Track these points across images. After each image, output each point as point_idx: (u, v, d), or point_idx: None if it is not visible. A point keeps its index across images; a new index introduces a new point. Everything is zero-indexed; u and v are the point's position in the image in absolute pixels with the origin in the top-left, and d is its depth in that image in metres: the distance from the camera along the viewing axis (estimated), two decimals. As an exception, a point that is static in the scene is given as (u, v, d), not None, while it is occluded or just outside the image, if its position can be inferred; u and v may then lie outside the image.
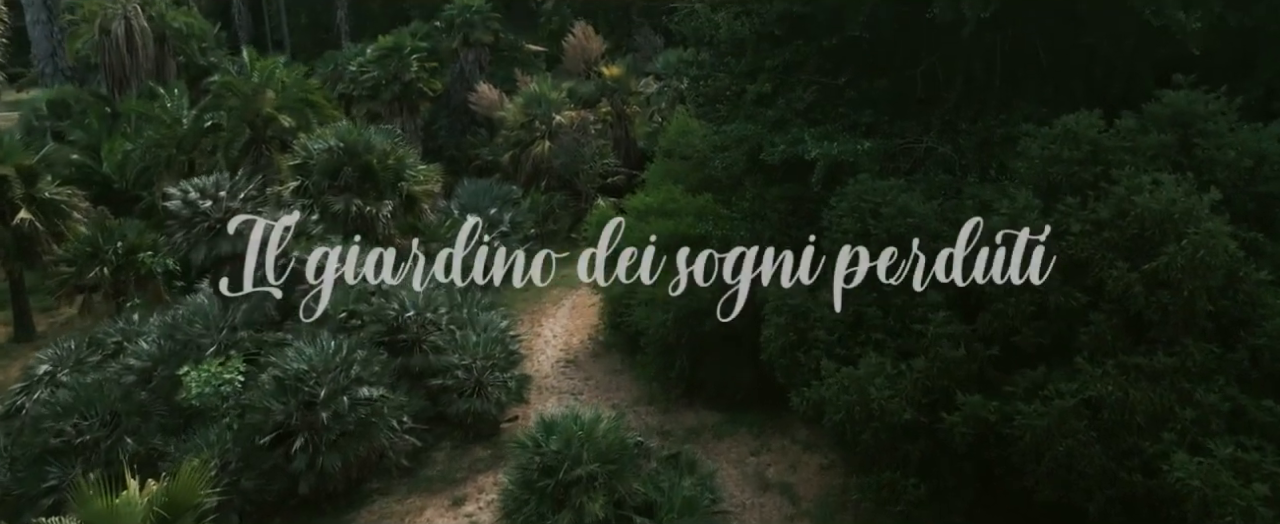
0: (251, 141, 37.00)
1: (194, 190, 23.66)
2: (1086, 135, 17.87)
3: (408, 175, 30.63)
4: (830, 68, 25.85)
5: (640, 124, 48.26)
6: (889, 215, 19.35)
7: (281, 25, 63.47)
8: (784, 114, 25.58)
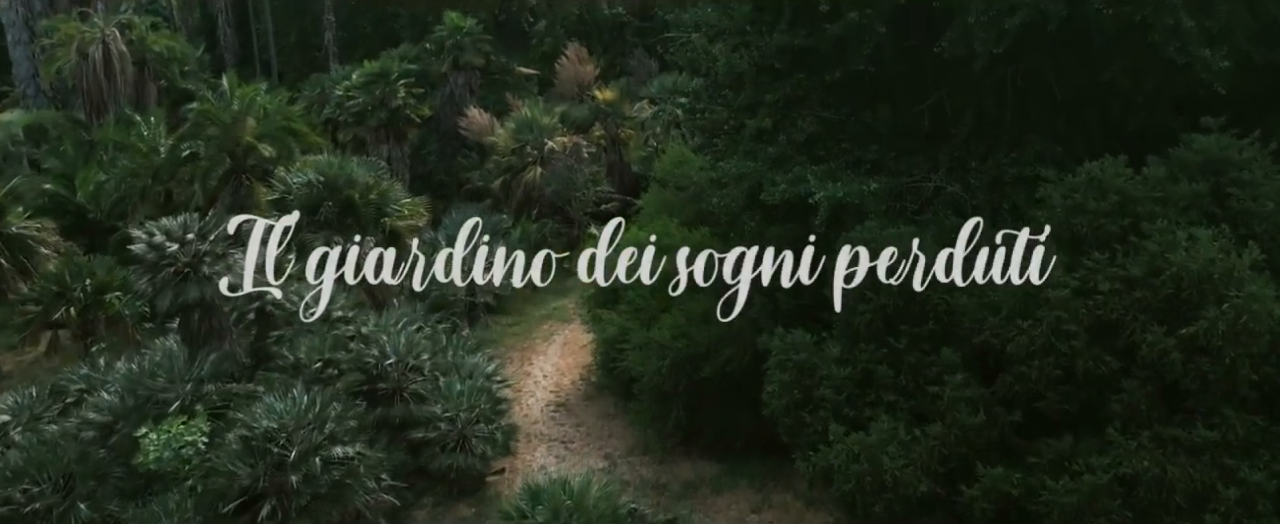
0: (231, 172, 35.63)
1: (160, 232, 22.30)
2: (1113, 184, 16.60)
3: (391, 209, 29.30)
4: (833, 101, 24.55)
5: (635, 148, 47.02)
6: (902, 266, 18.03)
7: (269, 46, 62.11)
8: (785, 150, 24.28)
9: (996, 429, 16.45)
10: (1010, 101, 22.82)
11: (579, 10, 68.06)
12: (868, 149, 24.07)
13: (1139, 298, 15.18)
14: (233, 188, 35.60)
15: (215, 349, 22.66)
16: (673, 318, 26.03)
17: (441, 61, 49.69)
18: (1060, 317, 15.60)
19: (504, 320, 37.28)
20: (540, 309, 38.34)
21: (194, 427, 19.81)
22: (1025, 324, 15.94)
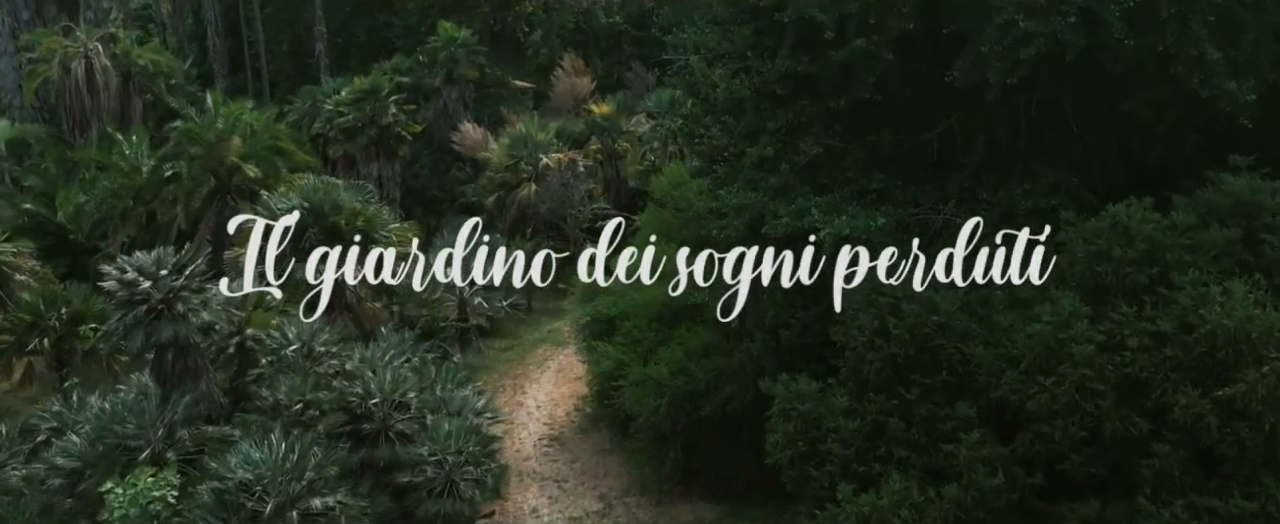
0: (216, 192, 34.63)
1: (132, 268, 21.20)
2: (1140, 230, 15.57)
3: (379, 236, 28.23)
4: (837, 128, 23.53)
5: (631, 163, 45.99)
6: (912, 313, 16.99)
7: (260, 55, 60.99)
8: (787, 179, 23.24)
9: (1016, 492, 15.43)
10: (1023, 130, 21.82)
11: (575, 19, 67.10)
12: (873, 177, 23.06)
13: (1170, 356, 14.16)
14: (218, 208, 34.62)
15: (190, 390, 21.59)
16: (671, 352, 25.02)
17: (434, 75, 48.62)
18: (1086, 374, 14.58)
19: (497, 344, 36.24)
20: (534, 332, 37.31)
21: (163, 479, 18.73)
22: (1048, 382, 14.91)
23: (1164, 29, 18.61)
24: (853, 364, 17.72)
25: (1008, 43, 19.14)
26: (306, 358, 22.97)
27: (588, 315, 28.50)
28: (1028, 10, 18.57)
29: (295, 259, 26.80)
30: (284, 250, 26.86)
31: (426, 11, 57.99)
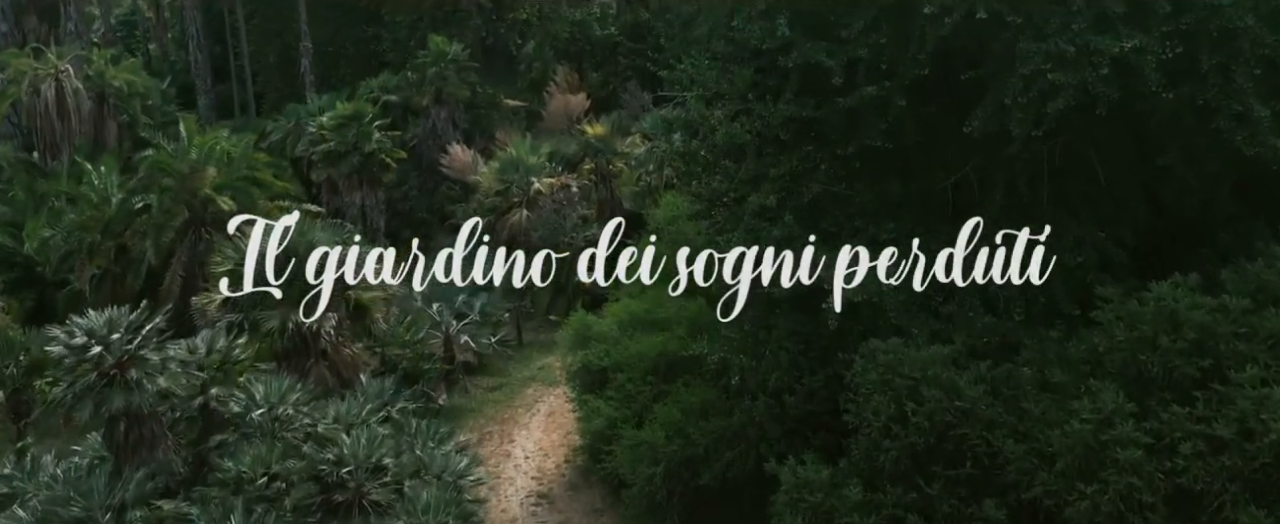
0: (190, 224, 32.99)
1: (81, 331, 19.58)
2: (1189, 317, 13.94)
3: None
4: (844, 173, 21.95)
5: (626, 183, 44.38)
6: (933, 399, 15.38)
7: (245, 67, 59.34)
8: (791, 230, 21.65)
9: (1052, 609, 13.84)
10: (1046, 180, 20.24)
11: (570, 30, 65.49)
12: (884, 226, 21.48)
13: (1229, 466, 12.60)
14: (191, 241, 33.02)
15: (146, 461, 19.94)
16: (667, 411, 23.43)
17: (423, 93, 47.07)
18: (1133, 484, 13.01)
19: (485, 382, 34.62)
20: (524, 369, 35.68)
21: (109, 573, 17.22)
22: (1089, 489, 13.33)
23: (1205, 81, 17.03)
24: (866, 450, 16.12)
25: (1033, 94, 17.54)
26: (273, 421, 21.30)
27: (579, 363, 26.85)
28: (1056, 60, 16.96)
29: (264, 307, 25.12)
30: (255, 298, 25.20)
31: (416, 25, 56.43)
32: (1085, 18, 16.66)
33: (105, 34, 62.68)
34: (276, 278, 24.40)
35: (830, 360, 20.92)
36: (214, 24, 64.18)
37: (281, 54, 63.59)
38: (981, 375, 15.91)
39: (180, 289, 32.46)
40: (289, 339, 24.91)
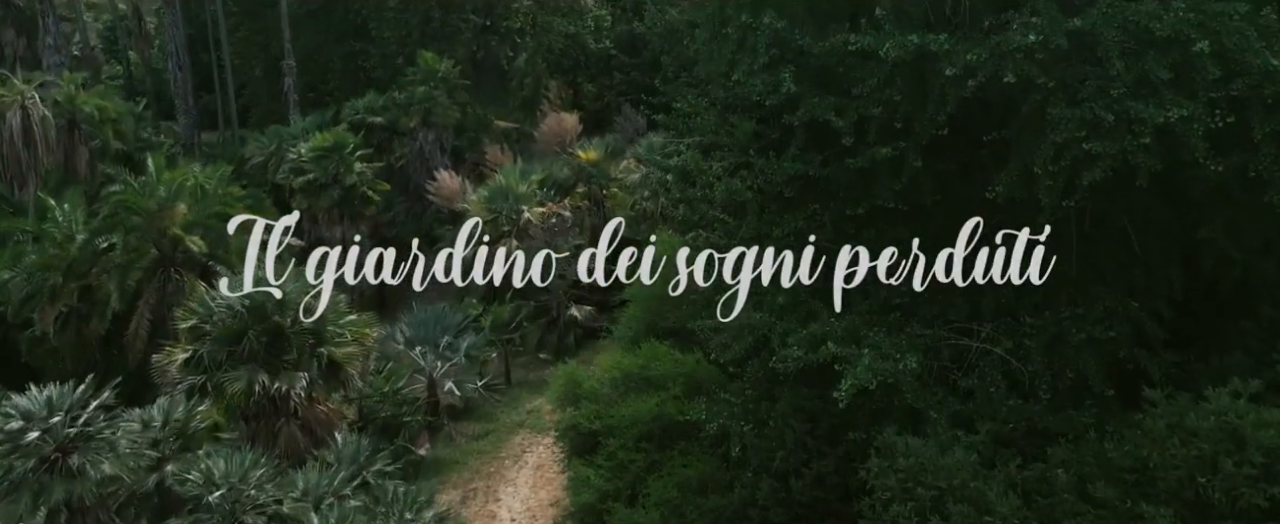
0: (158, 264, 31.27)
1: (17, 414, 17.87)
2: (1257, 438, 12.25)
3: (332, 333, 24.87)
4: (853, 232, 20.30)
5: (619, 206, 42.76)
6: (960, 515, 13.70)
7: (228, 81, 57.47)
8: (797, 295, 20.02)
9: None
10: (1074, 245, 18.60)
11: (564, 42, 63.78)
12: (897, 290, 19.85)
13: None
14: (160, 282, 31.29)
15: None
16: (661, 486, 21.74)
17: (411, 116, 45.37)
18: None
19: (471, 428, 32.94)
20: (513, 413, 33.98)
21: None
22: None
23: (1257, 151, 15.37)
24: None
25: (1065, 163, 15.89)
26: (234, 504, 19.61)
27: (568, 421, 25.17)
28: (1092, 128, 15.29)
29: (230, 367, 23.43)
30: (220, 357, 23.51)
31: (404, 40, 54.69)
32: (1124, 82, 14.97)
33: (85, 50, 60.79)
34: (229, 350, 22.68)
35: (840, 440, 19.31)
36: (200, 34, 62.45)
37: (268, 66, 61.85)
38: (1012, 480, 14.28)
39: (148, 333, 30.79)
40: (255, 404, 23.18)
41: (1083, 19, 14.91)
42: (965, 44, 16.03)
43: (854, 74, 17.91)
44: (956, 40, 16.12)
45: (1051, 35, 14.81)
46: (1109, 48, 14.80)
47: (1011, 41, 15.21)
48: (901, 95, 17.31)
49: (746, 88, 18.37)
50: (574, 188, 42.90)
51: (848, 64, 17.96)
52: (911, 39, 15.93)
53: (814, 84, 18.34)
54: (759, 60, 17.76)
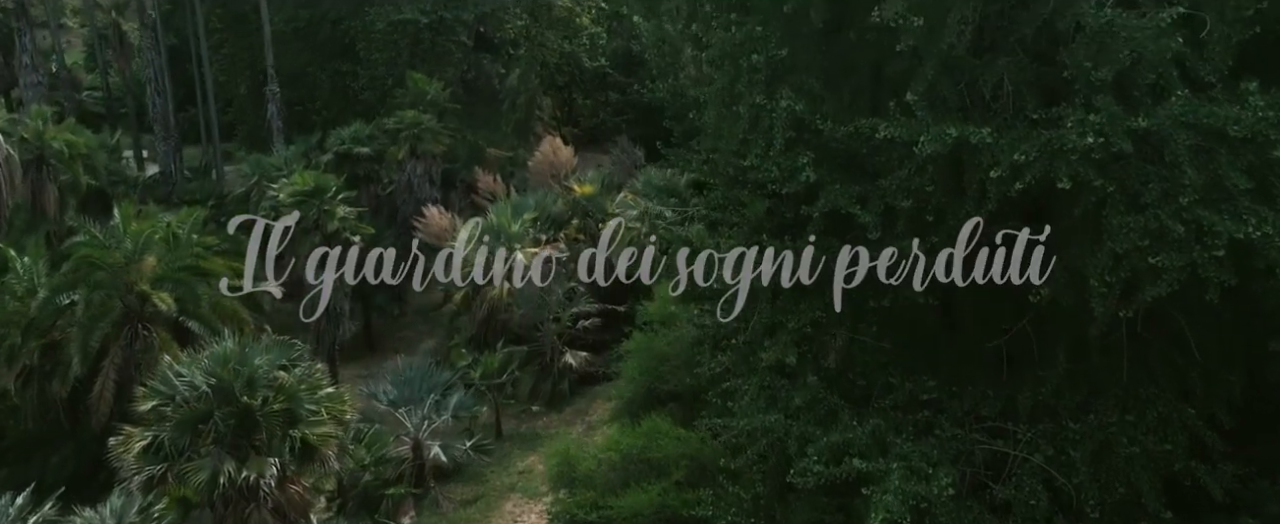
0: (126, 320, 29.36)
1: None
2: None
3: (307, 412, 22.95)
4: (875, 321, 18.47)
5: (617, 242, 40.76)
6: None
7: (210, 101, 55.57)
8: (816, 391, 18.15)
9: None
10: (1125, 346, 16.76)
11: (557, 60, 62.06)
12: (922, 383, 18.06)
13: None
14: (128, 340, 29.39)
15: None
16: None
17: (399, 146, 43.53)
18: None
19: (459, 492, 31.11)
20: (504, 474, 32.15)
21: None
22: None
23: (1344, 264, 13.52)
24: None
25: (1125, 274, 14.03)
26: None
27: (563, 510, 23.33)
28: (1156, 238, 13.43)
29: (193, 453, 21.56)
30: (182, 444, 21.63)
31: (394, 61, 52.89)
32: (1195, 188, 13.12)
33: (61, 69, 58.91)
34: (192, 437, 20.85)
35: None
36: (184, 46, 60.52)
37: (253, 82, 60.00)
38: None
39: (114, 394, 28.91)
40: (219, 497, 21.30)
41: (1148, 118, 13.04)
42: (1011, 138, 14.15)
43: (880, 158, 16.08)
44: (1000, 133, 14.24)
45: (1114, 137, 12.95)
46: (1179, 151, 12.95)
47: (1066, 141, 13.35)
48: (934, 186, 15.45)
49: (760, 172, 16.49)
50: (569, 223, 41.15)
51: (872, 146, 16.11)
52: (950, 132, 14.06)
53: (835, 166, 16.49)
54: (775, 143, 15.88)
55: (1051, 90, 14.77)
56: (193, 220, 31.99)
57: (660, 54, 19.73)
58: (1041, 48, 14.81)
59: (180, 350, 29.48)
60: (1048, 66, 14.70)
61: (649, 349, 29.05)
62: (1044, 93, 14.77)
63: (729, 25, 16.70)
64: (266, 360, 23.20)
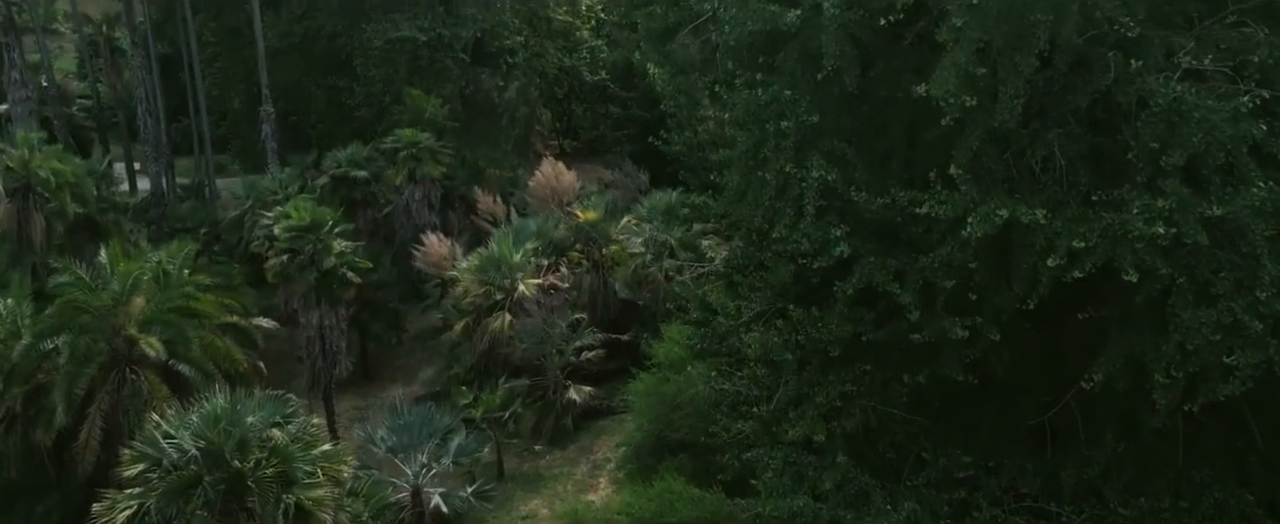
0: (113, 364, 28.13)
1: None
2: None
3: (301, 474, 21.74)
4: (908, 394, 17.33)
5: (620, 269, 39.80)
6: None
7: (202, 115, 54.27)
8: (846, 470, 17.03)
9: None
10: (1181, 430, 15.64)
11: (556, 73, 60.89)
12: (958, 458, 17.00)
13: None
14: (115, 384, 28.14)
15: None
16: None
17: (398, 170, 42.33)
18: None
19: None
20: (507, 520, 30.99)
21: None
22: None
23: None
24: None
25: (1193, 369, 12.90)
26: None
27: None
28: (1230, 332, 12.29)
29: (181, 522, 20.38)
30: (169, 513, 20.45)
31: (391, 78, 51.65)
32: (1273, 279, 11.98)
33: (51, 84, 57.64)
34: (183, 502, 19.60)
35: None
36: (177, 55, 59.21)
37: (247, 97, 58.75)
38: None
39: (101, 443, 27.68)
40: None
41: (1223, 205, 11.89)
42: (1064, 217, 13.00)
43: (916, 228, 14.93)
44: (1053, 211, 13.09)
45: (1186, 229, 11.78)
46: (1257, 242, 11.81)
47: (1131, 227, 12.19)
48: (978, 263, 14.31)
49: (790, 243, 15.34)
50: (571, 249, 39.97)
51: (909, 215, 14.96)
52: (1000, 213, 12.90)
53: (868, 235, 15.35)
54: (806, 214, 14.73)
55: (1107, 163, 13.65)
56: (184, 255, 30.79)
57: (677, 105, 18.58)
58: (1097, 116, 13.68)
59: (170, 394, 28.45)
60: (1103, 136, 13.58)
61: (658, 393, 27.99)
62: (1099, 166, 13.66)
63: (753, 85, 15.54)
64: (259, 418, 22.02)
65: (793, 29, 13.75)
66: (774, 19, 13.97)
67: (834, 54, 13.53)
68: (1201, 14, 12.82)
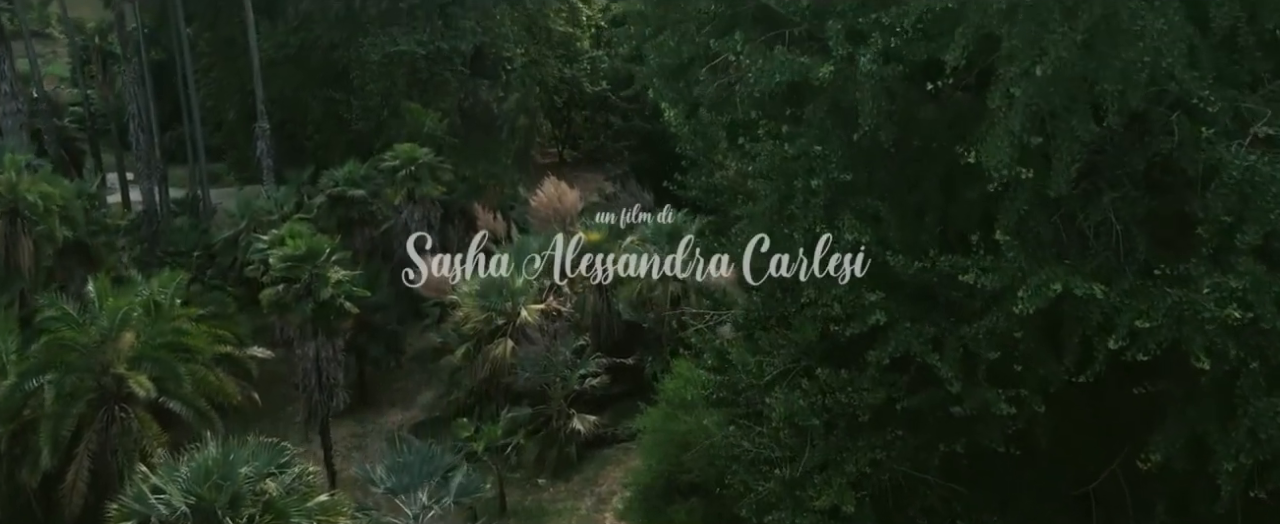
0: (102, 402, 27.12)
1: None
2: None
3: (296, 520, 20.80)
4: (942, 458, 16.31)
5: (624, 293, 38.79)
6: None
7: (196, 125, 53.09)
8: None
9: None
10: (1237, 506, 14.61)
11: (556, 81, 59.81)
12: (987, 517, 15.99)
13: None
14: (103, 423, 27.16)
15: None
16: None
17: (396, 190, 41.28)
18: None
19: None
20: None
21: None
22: None
23: None
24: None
25: (1265, 457, 11.90)
26: None
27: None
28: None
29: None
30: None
31: (389, 92, 50.54)
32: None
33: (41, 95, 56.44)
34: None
35: None
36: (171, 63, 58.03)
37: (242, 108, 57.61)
38: None
39: (88, 484, 26.71)
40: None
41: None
42: (1120, 290, 11.98)
43: (956, 292, 13.90)
44: (1110, 283, 12.07)
45: (1263, 312, 10.77)
46: (1337, 325, 10.81)
47: (1202, 309, 11.17)
48: (1024, 334, 13.28)
49: (820, 308, 14.32)
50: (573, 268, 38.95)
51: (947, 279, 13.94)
52: (1053, 287, 11.88)
53: (903, 298, 14.32)
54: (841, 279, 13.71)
55: (1166, 229, 12.64)
56: (175, 285, 29.74)
57: (694, 148, 17.51)
58: (1154, 178, 12.65)
59: (162, 432, 27.47)
60: (1162, 202, 12.56)
61: (667, 431, 26.89)
62: (1157, 232, 12.64)
63: (778, 135, 14.51)
64: (252, 468, 20.95)
65: (825, 84, 12.71)
66: (804, 71, 12.93)
67: (870, 111, 12.51)
68: (1270, 73, 11.80)
